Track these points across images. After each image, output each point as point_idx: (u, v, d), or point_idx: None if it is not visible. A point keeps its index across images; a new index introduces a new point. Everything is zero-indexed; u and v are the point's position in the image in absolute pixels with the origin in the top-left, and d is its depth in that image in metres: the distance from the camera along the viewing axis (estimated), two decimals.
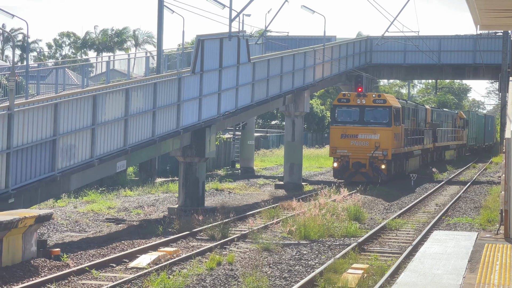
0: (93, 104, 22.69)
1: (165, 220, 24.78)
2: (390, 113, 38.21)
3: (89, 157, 22.58)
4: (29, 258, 17.23)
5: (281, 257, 19.10)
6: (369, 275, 16.50)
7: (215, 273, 16.74)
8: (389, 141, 37.93)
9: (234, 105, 32.37)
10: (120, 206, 28.55)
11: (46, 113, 20.87)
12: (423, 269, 13.10)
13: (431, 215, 28.47)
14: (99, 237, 21.76)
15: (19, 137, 19.70)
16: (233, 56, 31.58)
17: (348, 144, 38.53)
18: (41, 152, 20.66)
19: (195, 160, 29.17)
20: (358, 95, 39.78)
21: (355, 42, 54.74)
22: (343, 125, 39.20)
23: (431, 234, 19.21)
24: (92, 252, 19.14)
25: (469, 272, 12.83)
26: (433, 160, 54.92)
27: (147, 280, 15.42)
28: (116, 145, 23.94)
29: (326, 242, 21.29)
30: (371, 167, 37.65)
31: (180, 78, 28.00)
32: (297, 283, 15.55)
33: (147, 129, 25.61)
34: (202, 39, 29.94)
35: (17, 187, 19.55)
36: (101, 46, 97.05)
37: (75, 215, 25.13)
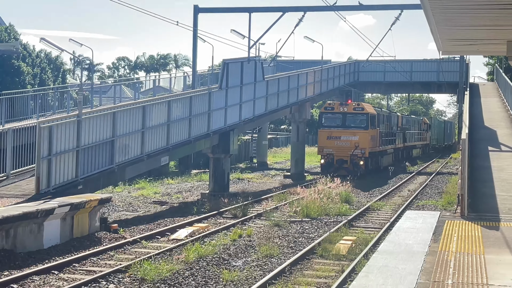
0: (143, 112, 22.82)
1: (199, 202, 24.73)
2: (367, 119, 37.40)
3: (140, 153, 22.64)
4: (94, 232, 17.53)
5: (288, 231, 19.03)
6: (357, 245, 16.51)
7: (237, 243, 16.72)
8: (366, 141, 37.08)
9: (252, 114, 32.27)
10: (163, 191, 28.59)
11: (106, 120, 21.01)
12: (398, 240, 12.95)
13: (405, 198, 28.38)
14: (147, 216, 21.75)
15: (86, 138, 19.88)
16: (251, 75, 31.55)
17: (333, 144, 37.39)
18: (103, 149, 20.80)
19: (221, 156, 29.15)
20: (341, 104, 38.99)
21: (346, 64, 54.80)
22: (328, 128, 37.95)
23: (404, 213, 19.04)
24: (142, 227, 19.17)
25: (433, 242, 12.73)
26: (403, 157, 53.69)
27: (185, 249, 15.36)
28: (161, 144, 24.02)
29: (323, 220, 21.23)
30: (352, 163, 36.64)
31: (210, 93, 28.01)
32: (300, 251, 15.58)
33: (184, 132, 25.68)
34: (227, 62, 30.03)
35: (84, 177, 19.76)
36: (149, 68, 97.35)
37: (129, 199, 25.18)
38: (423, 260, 11.12)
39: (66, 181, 19.04)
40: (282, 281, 12.74)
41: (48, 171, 18.32)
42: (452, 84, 53.93)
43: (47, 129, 18.37)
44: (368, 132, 37.21)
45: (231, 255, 15.24)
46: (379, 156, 41.98)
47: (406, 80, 55.15)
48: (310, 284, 12.54)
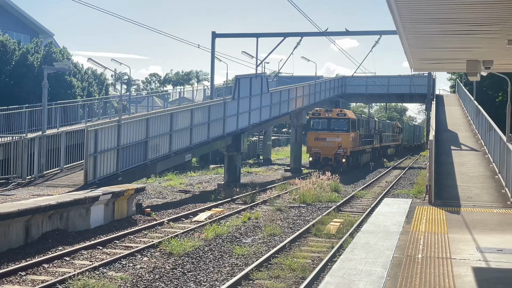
0: (171, 118, 22.86)
1: (216, 191, 24.74)
2: (348, 123, 36.38)
3: (168, 151, 22.71)
4: (131, 215, 17.59)
5: (288, 214, 19.00)
6: (344, 226, 16.51)
7: (247, 224, 16.72)
8: (347, 142, 36.09)
9: (259, 119, 32.24)
10: (187, 182, 28.61)
11: (141, 124, 21.10)
12: (377, 222, 12.98)
13: (383, 188, 28.29)
14: (174, 202, 21.78)
15: (125, 139, 19.97)
16: (258, 88, 31.54)
17: (319, 144, 36.19)
18: (138, 148, 20.87)
19: (234, 153, 29.14)
20: (326, 110, 37.94)
21: (335, 79, 54.79)
22: (316, 131, 36.71)
23: (382, 200, 19.02)
24: (170, 211, 19.16)
25: (406, 224, 12.76)
26: (380, 155, 52.68)
27: (204, 229, 15.43)
28: (185, 144, 24.05)
29: (317, 205, 21.20)
30: (335, 160, 35.62)
31: (224, 102, 28.01)
32: (298, 231, 15.55)
33: (204, 134, 25.73)
34: (238, 77, 30.08)
35: (123, 170, 19.86)
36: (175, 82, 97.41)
37: (159, 188, 25.21)
38: (398, 238, 11.14)
39: (109, 174, 19.13)
40: (284, 255, 12.78)
41: (94, 166, 18.43)
42: (422, 95, 53.87)
43: (93, 132, 18.47)
44: (349, 134, 36.32)
45: (242, 234, 15.27)
46: (359, 154, 40.99)
47: (384, 92, 55.07)
48: (306, 258, 12.59)
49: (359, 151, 40.87)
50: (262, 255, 12.61)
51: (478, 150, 28.32)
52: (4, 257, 11.86)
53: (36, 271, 11.08)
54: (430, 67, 13.50)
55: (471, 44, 9.68)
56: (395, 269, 8.74)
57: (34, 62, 34.04)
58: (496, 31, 8.56)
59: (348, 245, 10.97)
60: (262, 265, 11.72)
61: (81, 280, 10.15)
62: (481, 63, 11.43)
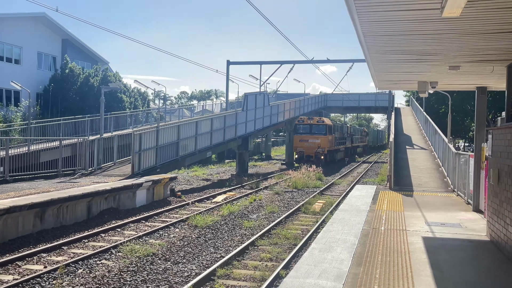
0: (196, 125, 22.85)
1: (229, 179, 24.69)
2: (325, 128, 35.20)
3: (194, 150, 22.68)
4: (166, 197, 17.51)
5: (284, 197, 18.93)
6: (326, 205, 16.44)
7: (253, 204, 16.66)
8: (325, 143, 34.77)
9: (262, 126, 32.18)
10: (208, 173, 28.62)
11: (174, 129, 21.07)
12: (351, 202, 12.92)
13: (355, 177, 28.18)
14: (198, 187, 21.75)
15: (161, 140, 19.96)
16: (261, 102, 31.51)
17: (303, 145, 34.84)
18: (171, 147, 20.84)
19: (243, 151, 29.10)
20: (308, 118, 36.45)
21: (319, 96, 54.58)
22: (300, 134, 35.36)
23: (355, 186, 18.95)
24: (195, 194, 19.14)
25: (372, 204, 12.71)
26: (351, 153, 51.17)
27: (221, 207, 15.40)
28: (206, 144, 24.03)
29: (305, 190, 21.12)
30: (316, 157, 34.46)
31: (236, 113, 27.96)
32: (291, 209, 15.44)
33: (221, 137, 25.69)
34: (247, 94, 30.00)
35: (160, 164, 19.81)
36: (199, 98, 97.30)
37: (187, 177, 25.20)
38: (366, 215, 11.12)
39: (149, 166, 19.16)
40: (280, 227, 12.77)
41: (138, 160, 18.47)
42: (384, 108, 53.76)
43: (138, 135, 18.51)
44: (327, 137, 35.11)
45: (249, 211, 15.26)
46: (334, 152, 39.78)
47: (356, 105, 54.98)
48: (297, 229, 12.57)
49: (335, 150, 39.71)
50: (264, 228, 12.61)
51: (427, 149, 28.24)
52: (71, 228, 11.91)
53: (95, 239, 11.12)
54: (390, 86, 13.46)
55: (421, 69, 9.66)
56: (364, 238, 8.74)
57: (94, 83, 34.12)
58: (440, 60, 8.56)
59: (328, 220, 10.95)
60: (264, 235, 11.72)
61: (129, 246, 10.18)
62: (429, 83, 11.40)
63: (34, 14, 33.49)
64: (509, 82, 8.68)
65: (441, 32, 6.51)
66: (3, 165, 16.91)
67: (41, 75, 34.26)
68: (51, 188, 13.98)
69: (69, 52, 36.84)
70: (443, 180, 18.29)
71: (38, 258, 9.38)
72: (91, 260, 9.30)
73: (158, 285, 8.01)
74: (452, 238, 8.86)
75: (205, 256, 9.88)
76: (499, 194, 7.79)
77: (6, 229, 10.40)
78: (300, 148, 35.16)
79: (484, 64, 8.80)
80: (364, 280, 6.27)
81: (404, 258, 7.39)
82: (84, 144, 19.40)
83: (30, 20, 33.48)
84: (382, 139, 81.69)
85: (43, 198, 11.53)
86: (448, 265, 7.02)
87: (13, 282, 7.77)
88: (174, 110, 47.28)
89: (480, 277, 6.51)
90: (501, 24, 6.04)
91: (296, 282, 6.15)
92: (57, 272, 8.42)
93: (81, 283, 7.97)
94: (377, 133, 79.41)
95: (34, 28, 33.92)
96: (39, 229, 11.30)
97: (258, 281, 8.22)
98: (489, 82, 11.38)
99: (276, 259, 9.63)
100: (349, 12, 5.68)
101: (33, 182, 16.10)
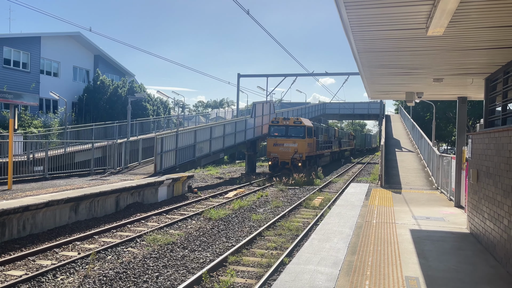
0: (210, 130, 22.83)
1: (240, 178, 24.57)
2: (304, 130, 26.65)
3: (209, 151, 22.67)
4: (184, 193, 17.47)
5: (287, 193, 18.83)
6: (324, 201, 16.33)
7: (260, 200, 16.59)
8: (303, 148, 26.38)
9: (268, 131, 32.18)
10: (221, 172, 28.63)
11: (191, 134, 21.07)
12: (346, 198, 12.87)
13: (350, 176, 27.97)
14: (213, 184, 21.74)
15: (180, 143, 19.96)
16: (267, 110, 31.44)
17: (277, 150, 26.49)
18: (189, 149, 20.84)
19: (252, 153, 29.07)
20: (284, 118, 27.57)
21: (318, 104, 54.50)
22: (274, 137, 26.80)
23: (350, 184, 18.86)
24: (210, 190, 19.06)
25: (365, 200, 12.65)
26: (339, 157, 44.33)
27: (232, 202, 15.40)
28: (219, 147, 23.99)
29: (306, 187, 21.01)
30: (292, 164, 26.27)
31: (245, 120, 27.91)
32: (294, 204, 15.34)
33: (232, 140, 25.64)
34: (255, 103, 29.98)
35: (179, 164, 19.80)
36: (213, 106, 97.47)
37: (202, 175, 25.24)
38: (360, 209, 11.07)
39: (170, 166, 19.19)
40: (284, 220, 12.72)
41: (160, 161, 18.52)
42: (376, 115, 53.49)
43: (160, 139, 18.57)
44: (305, 140, 26.76)
45: (257, 206, 15.22)
46: (316, 158, 30.80)
47: (351, 113, 54.81)
48: (299, 222, 12.51)
49: (317, 155, 31.01)
50: (270, 220, 12.59)
51: (413, 151, 28.06)
52: (101, 220, 11.98)
53: (122, 230, 11.17)
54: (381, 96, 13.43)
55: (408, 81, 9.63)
56: (358, 229, 8.70)
57: (122, 93, 34.35)
58: (425, 73, 8.53)
59: (327, 213, 10.92)
60: (270, 226, 11.69)
61: (152, 235, 10.22)
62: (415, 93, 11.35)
63: (70, 34, 33.88)
64: (487, 92, 8.63)
65: (426, 49, 6.50)
66: (43, 165, 17.07)
67: (76, 86, 34.59)
68: (84, 185, 14.08)
69: (100, 66, 37.15)
70: (428, 179, 18.16)
71: (73, 246, 9.46)
72: (118, 247, 9.35)
73: (177, 269, 8.04)
74: (436, 230, 8.80)
75: (218, 245, 9.89)
76: (478, 191, 7.74)
77: (45, 220, 10.50)
78: (274, 154, 26.78)
79: (465, 77, 8.76)
80: (358, 267, 6.25)
81: (393, 247, 7.35)
82: (113, 146, 19.52)
83: (66, 38, 33.86)
84: (370, 142, 73.99)
85: (78, 193, 11.62)
86: (433, 254, 6.97)
87: (51, 267, 7.84)
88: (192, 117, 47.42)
89: (461, 264, 6.46)
90: (479, 42, 6.02)
91: (298, 268, 6.14)
92: (89, 258, 8.48)
93: (110, 267, 8.02)
94: (364, 136, 70.92)
95: (70, 45, 34.28)
96: (74, 221, 11.38)
97: (265, 267, 8.21)
98: (469, 92, 11.31)
99: (280, 248, 9.61)
100: (345, 31, 5.69)
101: (69, 180, 16.24)
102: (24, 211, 9.76)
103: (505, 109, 7.47)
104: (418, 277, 5.81)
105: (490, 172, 6.93)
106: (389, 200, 12.90)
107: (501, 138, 6.39)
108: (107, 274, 7.63)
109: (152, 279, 7.48)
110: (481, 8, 4.69)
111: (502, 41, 5.94)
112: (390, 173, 19.75)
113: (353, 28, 5.48)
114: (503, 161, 6.21)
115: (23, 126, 25.37)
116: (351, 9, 4.80)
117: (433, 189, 15.87)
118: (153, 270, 7.94)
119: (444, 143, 55.62)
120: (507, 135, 6.10)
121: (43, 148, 18.54)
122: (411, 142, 32.71)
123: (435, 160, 16.99)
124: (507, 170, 6.02)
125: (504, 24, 5.19)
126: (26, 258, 8.48)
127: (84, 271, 7.81)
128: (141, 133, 28.58)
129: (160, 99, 40.50)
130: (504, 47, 6.24)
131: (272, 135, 27.27)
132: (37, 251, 8.81)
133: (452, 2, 4.24)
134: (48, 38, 32.00)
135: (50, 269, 7.73)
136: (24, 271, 7.78)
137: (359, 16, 5.02)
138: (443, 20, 4.73)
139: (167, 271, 7.92)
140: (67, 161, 18.59)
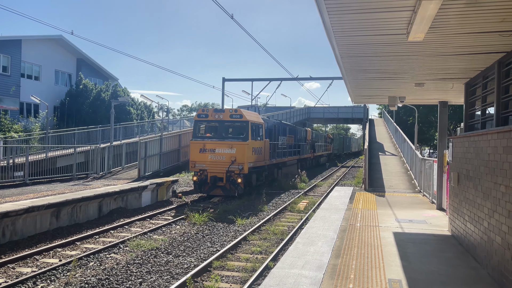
0: None
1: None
2: (247, 128, 17.19)
3: None
4: (168, 198, 17.26)
5: (272, 197, 18.61)
6: (309, 204, 16.27)
7: (245, 203, 16.41)
8: (245, 155, 16.82)
9: None
10: None
11: (175, 138, 20.89)
12: (330, 202, 12.92)
13: (335, 180, 28.08)
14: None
15: (165, 147, 19.75)
16: None
17: (206, 158, 16.93)
18: (173, 154, 20.63)
19: None
20: (215, 110, 17.63)
21: (303, 108, 54.79)
22: (201, 140, 17.15)
23: (334, 188, 18.93)
24: (194, 195, 18.79)
25: (349, 203, 12.71)
26: (313, 164, 35.89)
27: (217, 207, 15.18)
28: None
29: (291, 191, 20.91)
30: (228, 181, 16.94)
31: None
32: (279, 208, 15.26)
33: None
34: (239, 107, 29.87)
35: (163, 168, 19.60)
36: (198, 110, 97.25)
37: (187, 180, 24.99)
38: (344, 213, 11.13)
39: (154, 171, 18.99)
40: (269, 224, 12.68)
41: (144, 166, 18.32)
42: (359, 119, 53.98)
43: (144, 143, 18.38)
44: (248, 144, 17.08)
45: (242, 210, 15.11)
46: (274, 168, 22.26)
47: (335, 117, 55.15)
48: (284, 226, 12.49)
49: (274, 165, 22.08)
50: (255, 224, 12.55)
51: (397, 155, 28.41)
52: (84, 226, 11.78)
53: (105, 235, 11.01)
54: (364, 100, 13.57)
55: (390, 86, 9.76)
56: (342, 233, 8.75)
57: (105, 97, 33.96)
58: (407, 78, 8.66)
59: (311, 217, 10.95)
60: (255, 230, 11.66)
61: (135, 241, 10.09)
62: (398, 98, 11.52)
63: (52, 37, 33.38)
64: (466, 97, 8.81)
65: (407, 54, 6.61)
66: (23, 170, 16.72)
67: (58, 90, 34.05)
68: (66, 190, 13.84)
69: (83, 69, 36.67)
70: (411, 182, 18.39)
71: (54, 253, 9.27)
72: (101, 254, 9.20)
73: (161, 275, 7.95)
74: (418, 233, 8.91)
75: (203, 250, 9.82)
76: (459, 194, 7.87)
77: (25, 226, 10.27)
78: (200, 164, 17.21)
79: (445, 81, 8.93)
80: (342, 270, 6.28)
81: (377, 250, 7.41)
82: (96, 151, 19.25)
83: (48, 41, 33.34)
84: (350, 146, 66.45)
85: (59, 199, 11.41)
86: (415, 257, 7.05)
87: (32, 274, 7.66)
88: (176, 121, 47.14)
89: (442, 266, 6.55)
90: (459, 47, 6.15)
91: (283, 272, 6.14)
92: (71, 264, 8.32)
93: (92, 274, 7.88)
94: (343, 140, 62.16)
95: (52, 48, 33.76)
96: (55, 227, 11.17)
97: (249, 272, 8.18)
98: (449, 97, 11.53)
99: (265, 252, 9.59)
100: (327, 36, 5.74)
101: (50, 185, 15.93)
102: (3, 217, 9.54)
103: (484, 113, 7.63)
104: (401, 280, 5.86)
105: (470, 175, 7.07)
106: (373, 203, 13.00)
107: (480, 141, 6.53)
108: (89, 281, 7.49)
109: (135, 286, 7.37)
110: (460, 15, 4.80)
111: (481, 46, 6.08)
112: (374, 177, 19.94)
113: (336, 34, 5.54)
114: (483, 164, 6.33)
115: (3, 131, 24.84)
116: (333, 14, 4.86)
117: (416, 192, 16.07)
118: (137, 276, 7.83)
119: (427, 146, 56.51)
120: (486, 138, 6.24)
121: (23, 153, 18.16)
122: (394, 146, 33.13)
123: (417, 164, 17.22)
124: (486, 173, 6.14)
125: (482, 30, 5.31)
126: (6, 265, 8.28)
127: (65, 279, 7.65)
128: (125, 138, 28.26)
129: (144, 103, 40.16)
130: (483, 52, 6.39)
131: (198, 137, 17.66)
132: (17, 258, 8.61)
133: (431, 8, 4.33)
134: (29, 41, 31.45)
135: (30, 276, 7.55)
136: (3, 278, 7.59)
137: (341, 21, 5.08)
138: (423, 26, 4.82)
139: (151, 277, 7.82)
140: (49, 166, 18.25)
